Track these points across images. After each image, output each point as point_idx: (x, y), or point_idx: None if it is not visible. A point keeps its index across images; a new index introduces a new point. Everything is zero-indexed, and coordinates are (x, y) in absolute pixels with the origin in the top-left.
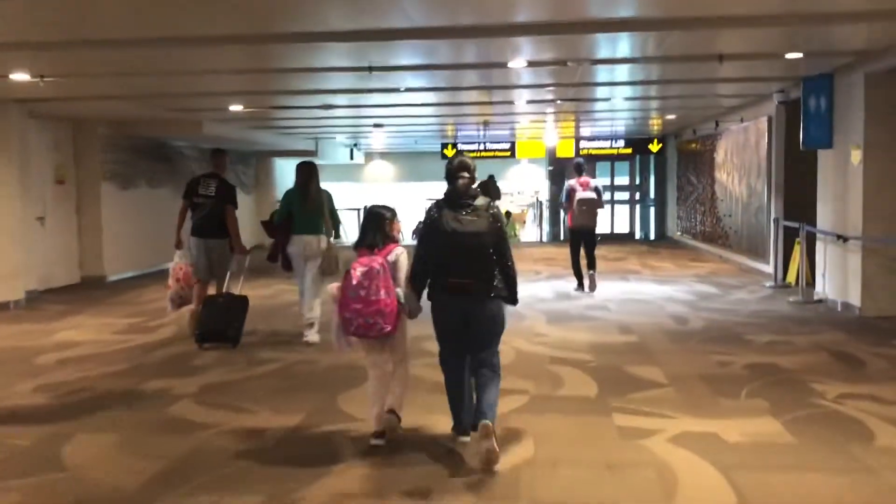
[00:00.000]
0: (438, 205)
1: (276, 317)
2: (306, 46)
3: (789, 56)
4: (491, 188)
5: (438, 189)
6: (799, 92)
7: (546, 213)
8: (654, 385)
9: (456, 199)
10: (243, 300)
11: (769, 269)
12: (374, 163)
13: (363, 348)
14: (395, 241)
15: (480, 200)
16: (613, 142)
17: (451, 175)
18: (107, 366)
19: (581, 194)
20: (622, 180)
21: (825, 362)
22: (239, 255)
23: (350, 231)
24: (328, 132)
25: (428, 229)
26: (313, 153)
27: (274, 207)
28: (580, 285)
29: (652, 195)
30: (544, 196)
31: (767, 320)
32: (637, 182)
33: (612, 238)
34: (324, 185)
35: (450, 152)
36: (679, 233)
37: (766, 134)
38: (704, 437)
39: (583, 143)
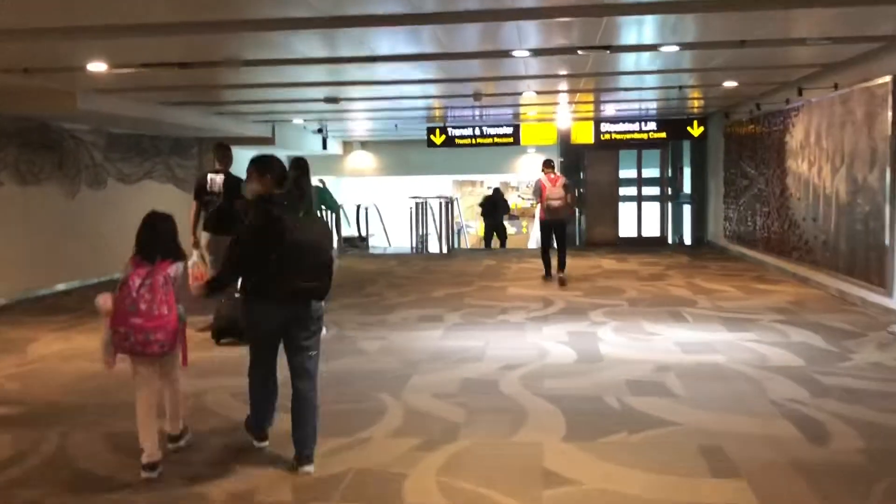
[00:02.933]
0: (268, 207)
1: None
2: None
3: None
4: (499, 202)
5: (425, 184)
6: None
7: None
8: None
9: (294, 202)
10: None
11: (890, 302)
12: (355, 154)
13: (133, 365)
14: (180, 255)
15: (305, 203)
16: (643, 124)
17: (284, 173)
18: None
19: (551, 190)
20: (652, 172)
21: None
22: None
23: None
24: (278, 112)
25: (264, 234)
26: (269, 140)
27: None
28: (548, 274)
29: (687, 190)
30: None
31: None
32: (670, 174)
33: (641, 244)
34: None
35: (438, 139)
36: (727, 238)
37: (891, 102)
38: None
39: (604, 127)
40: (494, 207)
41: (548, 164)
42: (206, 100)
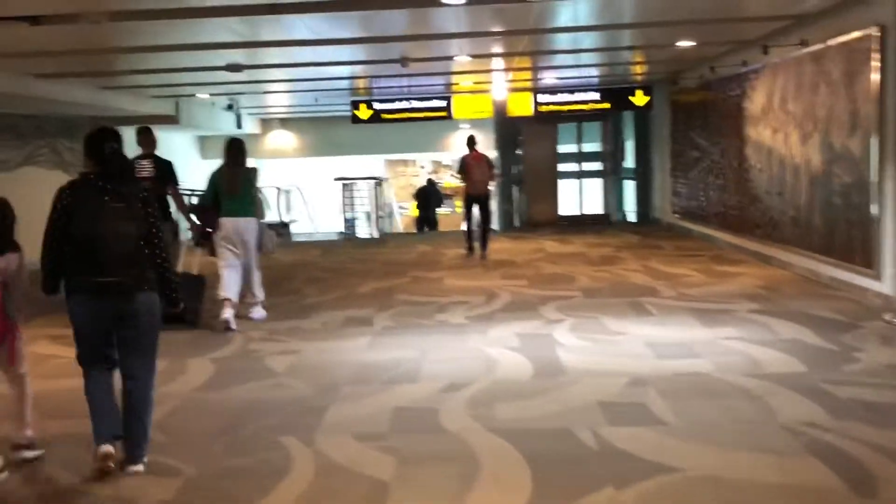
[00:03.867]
0: (74, 188)
1: None
2: None
3: None
4: (431, 194)
5: (354, 164)
6: None
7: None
8: None
9: (102, 180)
10: (200, 280)
11: (880, 286)
12: (274, 133)
13: None
14: (16, 245)
15: (131, 183)
16: (584, 94)
17: (99, 148)
18: None
19: (475, 167)
20: (593, 147)
21: None
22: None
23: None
24: (180, 85)
25: (62, 219)
26: (173, 119)
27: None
28: (470, 250)
29: (630, 164)
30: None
31: None
32: (612, 148)
33: (584, 222)
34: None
35: (364, 114)
36: (676, 215)
37: (877, 57)
38: None
39: (543, 98)
40: (427, 200)
41: (470, 142)
42: (89, 70)
